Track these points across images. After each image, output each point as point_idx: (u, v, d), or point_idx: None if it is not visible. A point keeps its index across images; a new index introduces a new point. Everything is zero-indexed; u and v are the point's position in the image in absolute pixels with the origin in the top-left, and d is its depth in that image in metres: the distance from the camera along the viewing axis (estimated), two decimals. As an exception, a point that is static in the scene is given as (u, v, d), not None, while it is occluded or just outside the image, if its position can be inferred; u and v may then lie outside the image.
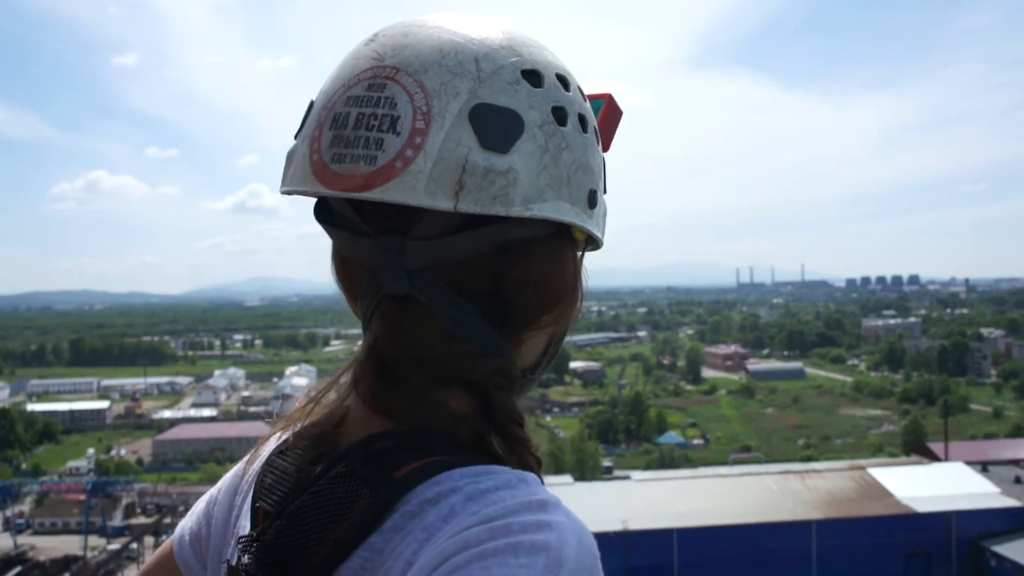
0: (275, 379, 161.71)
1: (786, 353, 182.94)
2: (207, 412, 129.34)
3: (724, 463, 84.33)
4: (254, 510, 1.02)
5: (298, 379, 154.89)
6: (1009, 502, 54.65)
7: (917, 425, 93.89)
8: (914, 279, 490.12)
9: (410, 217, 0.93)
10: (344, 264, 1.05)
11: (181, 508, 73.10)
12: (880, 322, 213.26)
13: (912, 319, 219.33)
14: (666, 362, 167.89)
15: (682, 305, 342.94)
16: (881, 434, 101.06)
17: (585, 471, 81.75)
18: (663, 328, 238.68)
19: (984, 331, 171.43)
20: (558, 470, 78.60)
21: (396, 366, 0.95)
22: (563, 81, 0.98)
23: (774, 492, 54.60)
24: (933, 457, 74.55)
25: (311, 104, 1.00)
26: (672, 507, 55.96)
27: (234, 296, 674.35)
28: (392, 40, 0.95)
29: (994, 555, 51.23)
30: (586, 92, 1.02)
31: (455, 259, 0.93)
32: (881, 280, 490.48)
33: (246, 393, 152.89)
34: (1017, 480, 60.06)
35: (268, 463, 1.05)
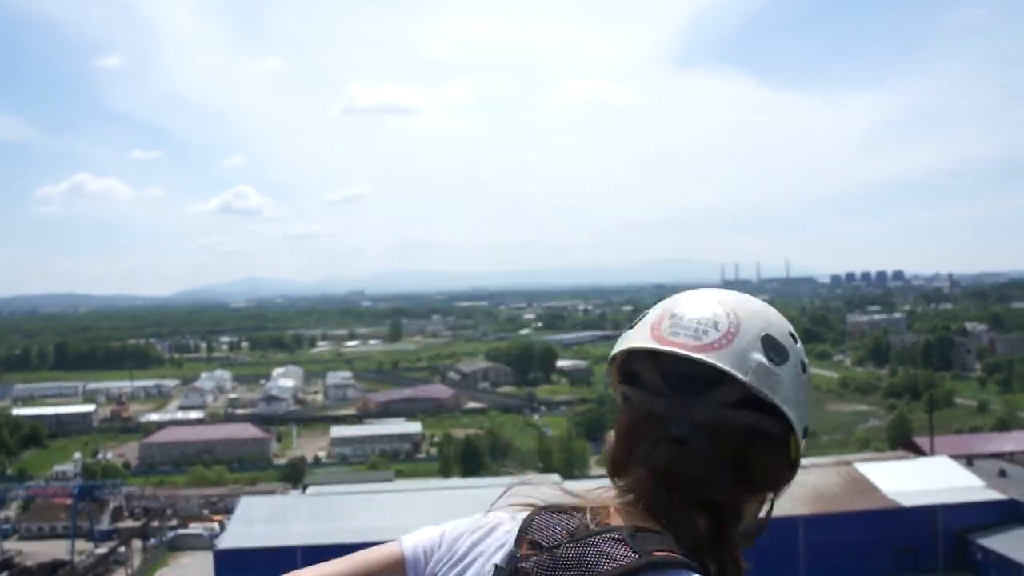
0: (262, 381, 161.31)
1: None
2: (194, 415, 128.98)
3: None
4: (518, 540, 1.48)
5: (284, 380, 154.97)
6: (994, 495, 54.83)
7: (903, 420, 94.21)
8: (898, 275, 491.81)
9: (700, 387, 1.48)
10: (633, 413, 1.55)
11: (169, 511, 73.09)
12: (865, 318, 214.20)
13: (897, 314, 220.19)
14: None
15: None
16: (867, 429, 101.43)
17: (574, 469, 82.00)
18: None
19: (968, 326, 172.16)
20: (546, 468, 78.86)
21: (669, 486, 1.45)
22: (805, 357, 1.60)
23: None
24: (919, 452, 74.72)
25: (646, 313, 1.62)
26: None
27: (220, 298, 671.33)
28: (718, 292, 1.62)
29: (980, 548, 51.42)
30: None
31: (726, 424, 1.46)
32: (866, 276, 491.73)
33: (233, 395, 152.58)
34: (1002, 473, 60.31)
35: (536, 512, 1.51)
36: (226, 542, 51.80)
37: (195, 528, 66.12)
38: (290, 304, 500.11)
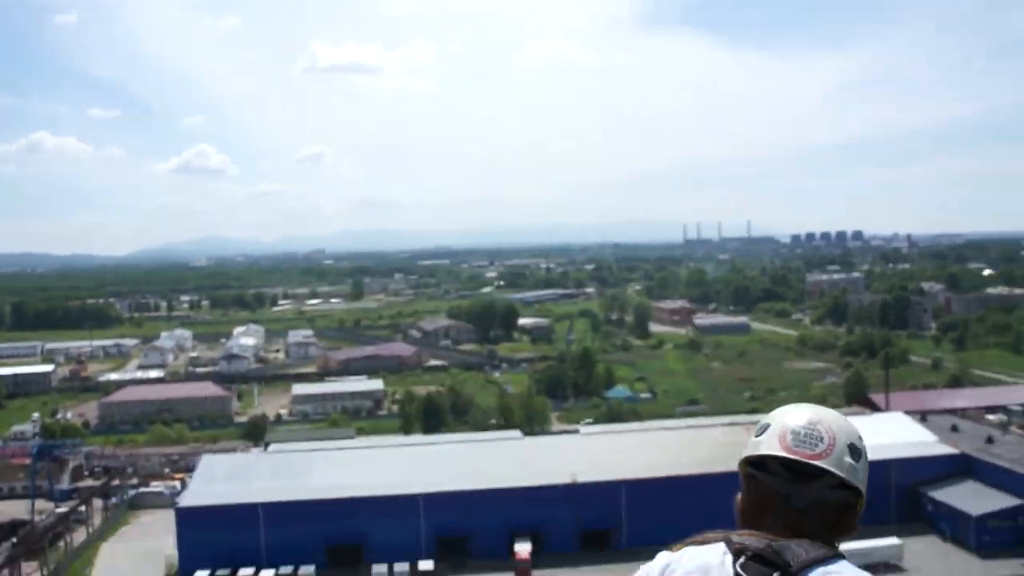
0: (223, 339, 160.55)
1: (732, 308, 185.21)
2: (154, 373, 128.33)
3: (671, 416, 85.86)
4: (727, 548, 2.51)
5: (245, 339, 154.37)
6: (946, 449, 56.20)
7: (859, 377, 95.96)
8: (858, 235, 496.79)
9: (811, 477, 2.57)
10: (761, 489, 2.63)
11: (129, 470, 72.89)
12: (824, 277, 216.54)
13: (855, 274, 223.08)
14: (614, 317, 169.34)
15: (630, 261, 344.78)
16: (824, 386, 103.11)
17: (534, 425, 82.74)
18: (611, 284, 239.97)
19: (925, 285, 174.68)
20: (507, 425, 79.44)
21: (793, 536, 2.51)
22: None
23: (720, 443, 55.61)
24: (875, 408, 76.13)
25: (768, 425, 2.70)
26: (620, 460, 56.87)
27: (181, 257, 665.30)
28: (815, 411, 2.72)
29: (931, 500, 52.80)
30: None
31: (827, 500, 2.58)
32: (825, 236, 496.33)
33: (194, 354, 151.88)
34: (954, 428, 61.80)
35: (723, 536, 2.58)
36: (187, 500, 51.86)
37: (156, 486, 66.11)
38: (251, 263, 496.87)
